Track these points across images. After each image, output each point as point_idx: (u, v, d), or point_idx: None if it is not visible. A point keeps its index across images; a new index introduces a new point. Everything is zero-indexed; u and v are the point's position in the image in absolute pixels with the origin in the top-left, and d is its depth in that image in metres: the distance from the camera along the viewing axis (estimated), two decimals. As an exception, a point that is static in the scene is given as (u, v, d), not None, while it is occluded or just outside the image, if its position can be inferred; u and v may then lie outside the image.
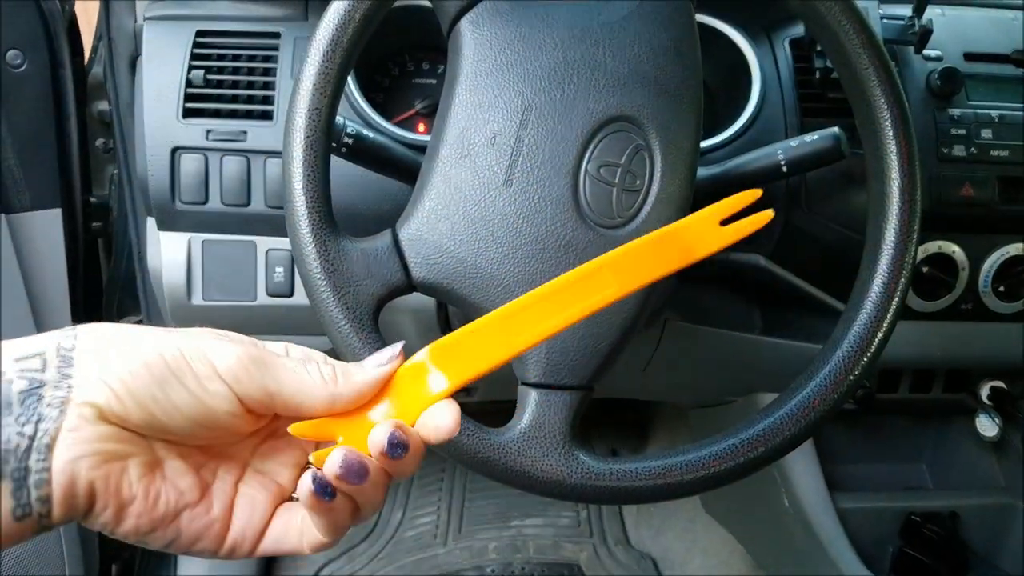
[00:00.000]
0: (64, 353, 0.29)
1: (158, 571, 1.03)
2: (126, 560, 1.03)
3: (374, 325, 0.48)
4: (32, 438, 0.27)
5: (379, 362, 0.33)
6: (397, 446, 0.31)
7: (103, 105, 0.94)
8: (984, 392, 0.89)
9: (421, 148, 0.58)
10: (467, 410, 0.51)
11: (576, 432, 0.49)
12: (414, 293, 0.51)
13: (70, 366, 0.28)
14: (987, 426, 0.89)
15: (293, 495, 0.34)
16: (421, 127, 0.77)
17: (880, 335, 0.52)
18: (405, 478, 0.32)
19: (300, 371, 0.32)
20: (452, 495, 1.28)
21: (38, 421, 0.27)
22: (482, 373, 0.34)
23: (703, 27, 0.75)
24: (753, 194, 0.36)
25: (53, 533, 0.85)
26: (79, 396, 0.28)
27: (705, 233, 0.34)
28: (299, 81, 0.48)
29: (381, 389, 0.33)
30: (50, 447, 0.27)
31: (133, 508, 0.30)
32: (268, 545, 0.33)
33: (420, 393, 0.33)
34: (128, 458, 0.30)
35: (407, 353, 0.35)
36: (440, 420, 0.32)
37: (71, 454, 0.28)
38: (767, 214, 0.37)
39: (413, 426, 0.33)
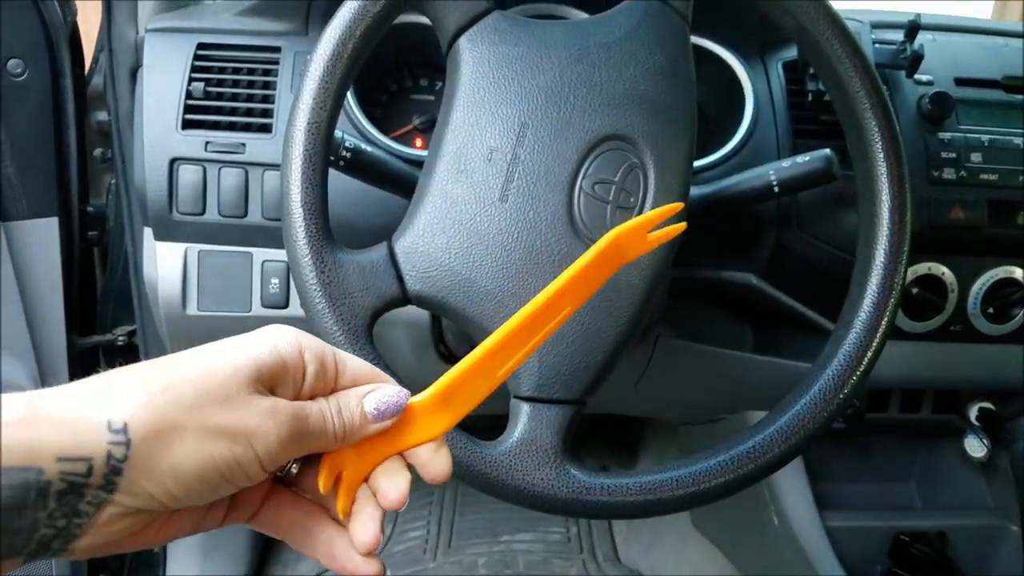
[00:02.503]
0: (115, 464, 0.27)
1: (146, 577, 1.03)
2: (114, 570, 1.02)
3: (368, 337, 0.48)
4: (62, 530, 0.27)
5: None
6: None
7: (102, 115, 0.95)
8: (973, 413, 0.89)
9: (418, 163, 0.59)
10: (460, 424, 0.51)
11: (567, 446, 0.50)
12: (408, 306, 0.51)
13: (118, 475, 0.27)
14: (975, 447, 0.89)
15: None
16: (418, 142, 0.77)
17: (870, 354, 0.53)
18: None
19: (324, 441, 0.32)
20: (442, 509, 1.27)
21: (73, 516, 0.27)
22: (463, 415, 0.36)
23: (697, 48, 0.76)
24: (672, 208, 0.40)
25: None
26: (121, 499, 0.28)
27: (635, 240, 0.38)
28: (299, 95, 0.49)
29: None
30: (78, 537, 0.27)
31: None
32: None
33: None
34: (146, 525, 0.30)
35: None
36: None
37: (96, 541, 0.28)
38: (680, 227, 0.41)
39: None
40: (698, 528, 1.19)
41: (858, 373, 0.52)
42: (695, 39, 0.75)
